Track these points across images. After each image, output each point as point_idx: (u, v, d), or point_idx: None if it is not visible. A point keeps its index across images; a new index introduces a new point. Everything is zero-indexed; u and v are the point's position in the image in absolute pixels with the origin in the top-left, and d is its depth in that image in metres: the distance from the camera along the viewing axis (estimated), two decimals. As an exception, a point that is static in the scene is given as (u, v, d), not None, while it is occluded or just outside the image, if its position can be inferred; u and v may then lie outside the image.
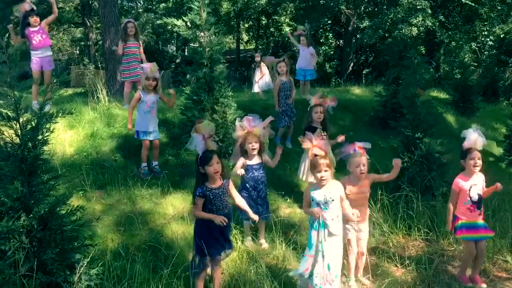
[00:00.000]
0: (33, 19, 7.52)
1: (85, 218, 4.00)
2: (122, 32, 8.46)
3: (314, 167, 3.99)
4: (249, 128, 5.09)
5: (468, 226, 4.69)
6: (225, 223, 4.02)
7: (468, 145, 4.66)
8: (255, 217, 4.49)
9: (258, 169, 5.23)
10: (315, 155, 3.99)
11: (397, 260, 5.15)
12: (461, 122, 10.80)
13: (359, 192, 4.57)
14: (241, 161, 5.16)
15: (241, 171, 5.11)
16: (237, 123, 5.24)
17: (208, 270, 4.33)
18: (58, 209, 3.71)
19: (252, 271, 4.52)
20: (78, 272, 3.50)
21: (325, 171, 3.96)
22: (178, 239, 5.07)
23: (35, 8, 7.65)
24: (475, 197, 4.65)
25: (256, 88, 11.06)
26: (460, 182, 4.70)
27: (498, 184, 4.65)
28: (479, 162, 4.62)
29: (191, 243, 4.63)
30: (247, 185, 5.19)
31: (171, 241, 5.03)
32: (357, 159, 4.53)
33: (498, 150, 9.63)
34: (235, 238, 5.16)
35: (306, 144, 4.11)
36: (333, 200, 3.98)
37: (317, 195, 3.99)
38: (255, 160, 5.21)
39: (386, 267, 5.06)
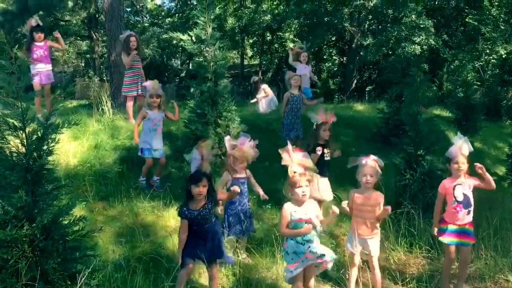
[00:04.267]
0: (38, 35, 7.67)
1: (87, 228, 4.00)
2: (124, 45, 8.47)
3: (294, 184, 3.97)
4: (240, 147, 5.11)
5: (454, 231, 4.74)
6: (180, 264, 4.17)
7: (454, 150, 4.77)
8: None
9: (244, 183, 5.26)
10: (294, 172, 3.99)
11: (398, 277, 5.13)
12: (464, 140, 10.81)
13: (365, 203, 4.58)
14: (226, 177, 5.18)
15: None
16: (226, 140, 5.26)
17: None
18: (61, 219, 3.72)
19: (253, 285, 4.52)
20: (79, 283, 3.51)
21: (306, 186, 3.98)
22: (179, 251, 5.06)
23: (40, 24, 7.79)
24: (460, 197, 4.72)
25: (261, 108, 10.89)
26: (445, 183, 4.83)
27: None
28: (463, 166, 4.72)
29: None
30: (233, 199, 5.18)
31: (172, 254, 5.03)
32: (365, 169, 4.57)
33: (500, 169, 9.63)
34: (236, 252, 5.17)
35: (285, 161, 4.09)
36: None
37: (298, 214, 4.01)
38: (242, 174, 5.25)
39: (387, 284, 5.04)
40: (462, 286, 4.87)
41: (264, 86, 10.87)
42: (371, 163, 4.60)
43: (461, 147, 4.75)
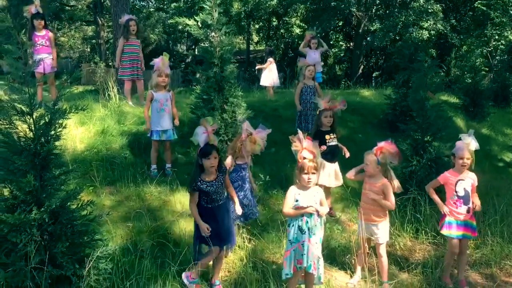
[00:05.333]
0: (38, 22, 7.63)
1: (95, 213, 4.04)
2: (124, 29, 8.46)
3: (302, 169, 4.06)
4: (254, 134, 5.12)
5: (458, 224, 4.79)
6: (209, 233, 4.17)
7: (461, 147, 4.81)
8: (239, 211, 4.71)
9: (246, 168, 5.29)
10: (304, 158, 4.06)
11: (404, 263, 5.15)
12: (471, 126, 10.74)
13: (371, 189, 4.65)
14: (230, 162, 5.18)
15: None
16: (245, 125, 5.26)
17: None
18: (68, 203, 3.76)
19: (259, 270, 4.56)
20: (88, 266, 3.55)
21: (313, 173, 4.04)
22: (185, 236, 5.10)
23: (41, 11, 7.76)
24: (461, 192, 4.78)
25: (262, 81, 11.04)
26: (447, 175, 4.88)
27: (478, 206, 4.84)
28: (467, 162, 4.77)
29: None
30: (234, 185, 5.20)
31: (179, 238, 5.08)
32: (367, 157, 4.67)
33: (508, 156, 9.60)
34: (242, 237, 5.20)
35: (296, 146, 4.15)
36: (316, 203, 4.09)
37: (302, 198, 4.06)
38: (244, 160, 5.27)
39: (392, 270, 5.07)
40: (463, 276, 4.90)
41: (271, 60, 10.87)
42: (372, 152, 4.67)
43: (469, 143, 4.79)
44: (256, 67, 11.65)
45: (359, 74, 23.25)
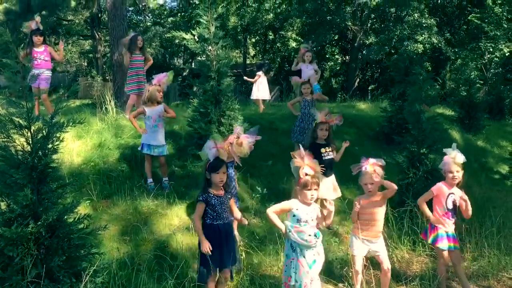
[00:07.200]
0: (37, 38, 7.66)
1: (92, 226, 4.03)
2: (131, 43, 8.52)
3: (305, 186, 4.04)
4: (241, 138, 5.18)
5: (447, 236, 4.84)
6: (209, 252, 4.04)
7: (447, 161, 4.87)
8: (246, 222, 4.59)
9: (231, 166, 5.33)
10: (306, 174, 4.06)
11: (401, 276, 5.14)
12: (467, 139, 10.82)
13: (369, 206, 4.61)
14: None
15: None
16: (237, 128, 5.32)
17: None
18: (65, 217, 3.74)
19: (256, 283, 4.54)
20: (84, 280, 3.53)
21: (315, 189, 4.05)
22: (183, 249, 5.09)
23: (41, 27, 7.80)
24: (450, 205, 4.85)
25: (252, 95, 11.04)
26: (441, 187, 4.91)
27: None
28: (457, 175, 4.82)
29: (196, 254, 4.69)
30: None
31: (176, 252, 5.06)
32: (366, 177, 4.63)
33: (503, 168, 9.64)
34: (239, 250, 5.18)
35: (298, 163, 4.15)
36: (312, 220, 4.10)
37: (301, 212, 4.06)
38: (231, 159, 5.29)
39: (390, 283, 5.04)
40: (468, 283, 4.90)
41: (259, 74, 10.85)
42: (370, 169, 4.62)
43: (454, 157, 4.84)
44: (244, 78, 11.69)
45: (355, 87, 23.41)
